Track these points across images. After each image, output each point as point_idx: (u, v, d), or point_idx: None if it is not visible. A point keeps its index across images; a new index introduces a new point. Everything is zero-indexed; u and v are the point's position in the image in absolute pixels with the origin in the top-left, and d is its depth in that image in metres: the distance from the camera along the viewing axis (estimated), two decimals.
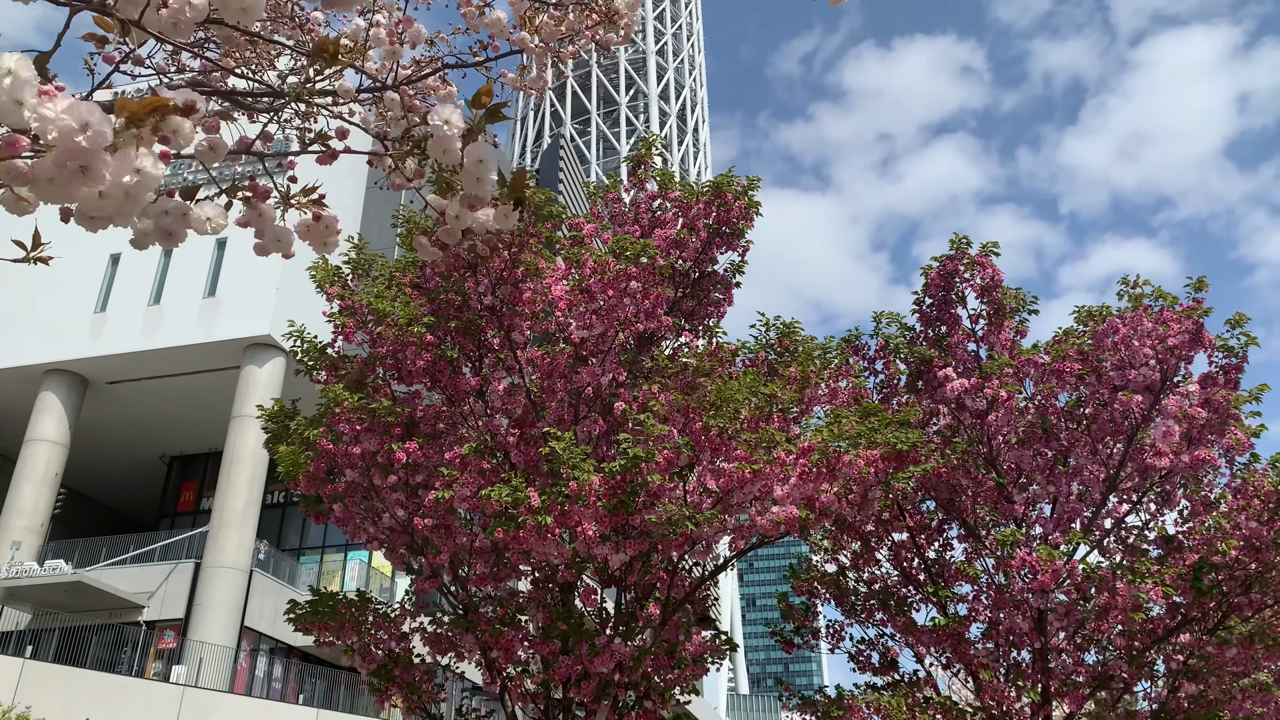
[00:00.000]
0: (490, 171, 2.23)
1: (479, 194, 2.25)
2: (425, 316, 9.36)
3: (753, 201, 10.11)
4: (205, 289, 29.50)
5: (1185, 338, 9.54)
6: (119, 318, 29.05)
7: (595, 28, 4.53)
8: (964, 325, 11.29)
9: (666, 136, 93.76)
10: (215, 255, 29.93)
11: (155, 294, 29.75)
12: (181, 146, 1.99)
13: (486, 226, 2.51)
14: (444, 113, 2.17)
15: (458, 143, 2.19)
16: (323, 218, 2.34)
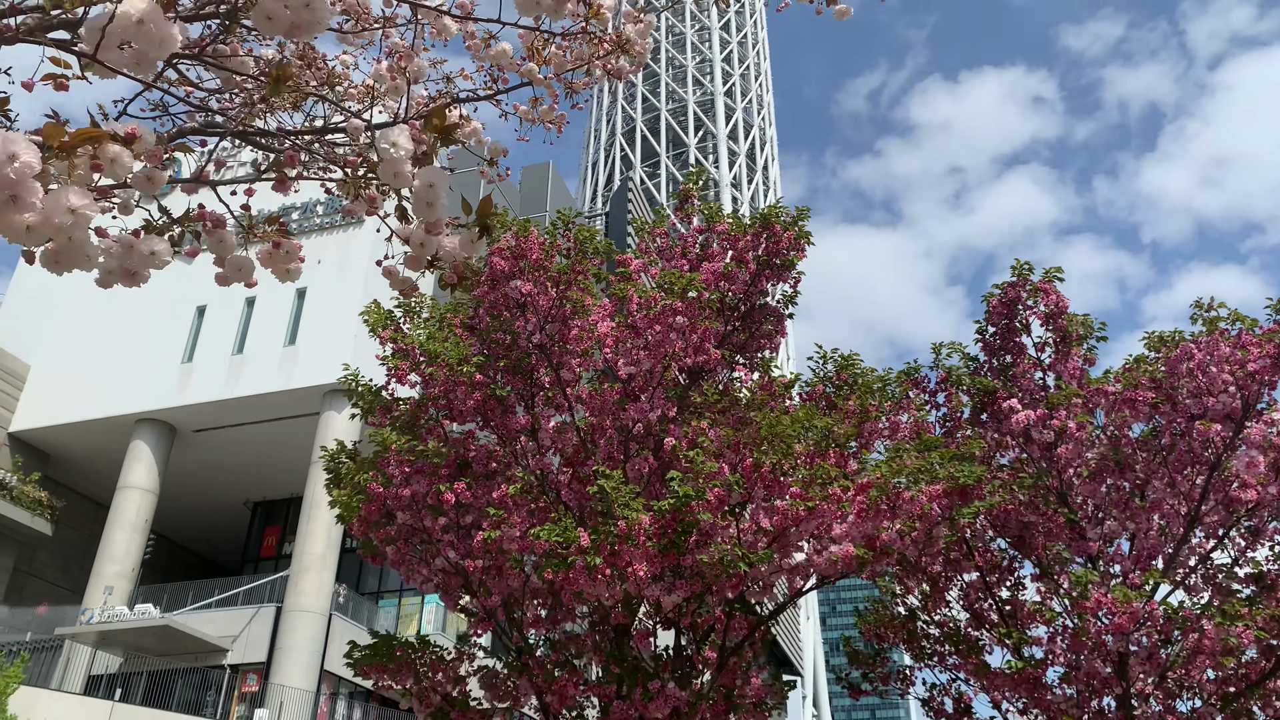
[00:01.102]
0: (440, 195, 2.17)
1: (429, 217, 2.19)
2: (475, 356, 9.40)
3: (802, 232, 9.96)
4: (286, 337, 30.35)
5: (1267, 362, 9.00)
6: (205, 367, 30.03)
7: (607, 57, 4.49)
8: (1029, 354, 10.89)
9: (736, 175, 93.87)
10: (295, 304, 30.81)
11: (239, 343, 30.69)
12: (119, 176, 1.97)
13: (454, 254, 2.46)
14: (391, 135, 2.12)
15: (407, 165, 2.13)
16: (283, 245, 2.31)
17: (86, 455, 31.14)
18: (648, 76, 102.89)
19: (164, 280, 34.45)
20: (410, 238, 2.30)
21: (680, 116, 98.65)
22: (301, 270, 2.38)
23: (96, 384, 29.94)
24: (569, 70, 4.42)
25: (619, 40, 4.47)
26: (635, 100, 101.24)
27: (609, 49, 4.47)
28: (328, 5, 2.06)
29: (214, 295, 30.49)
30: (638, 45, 4.56)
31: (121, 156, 1.92)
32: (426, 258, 2.32)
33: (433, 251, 2.32)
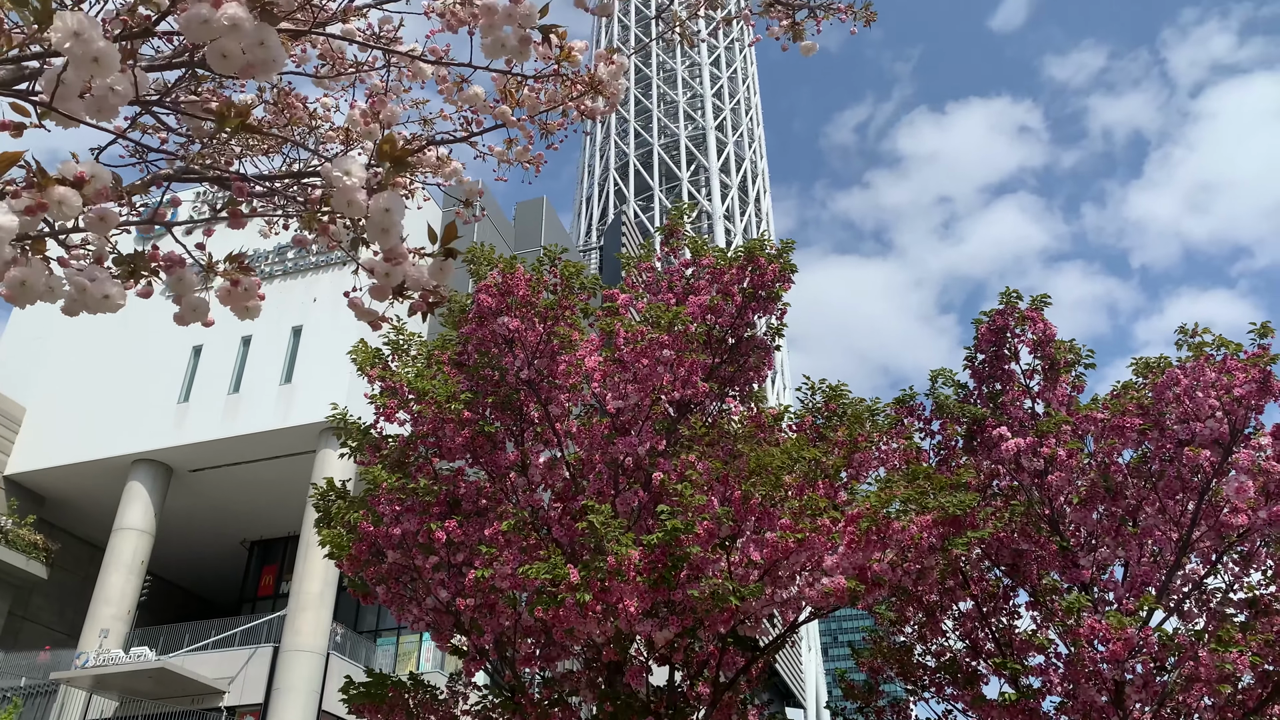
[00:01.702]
0: (396, 221, 2.18)
1: (384, 244, 2.21)
2: (464, 393, 9.41)
3: (787, 264, 10.01)
4: (282, 375, 30.32)
5: (1253, 387, 9.02)
6: (201, 407, 29.98)
7: (580, 98, 4.55)
8: (1018, 381, 10.91)
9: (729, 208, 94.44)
10: (291, 342, 30.83)
11: (235, 382, 30.65)
12: (67, 217, 2.00)
13: (421, 282, 2.47)
14: (344, 164, 2.14)
15: (360, 194, 2.15)
16: (241, 282, 2.33)
17: (82, 497, 31.03)
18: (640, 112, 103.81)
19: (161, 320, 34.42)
20: (374, 268, 2.32)
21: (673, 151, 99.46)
22: (260, 308, 2.39)
23: (92, 425, 29.88)
24: (543, 112, 4.47)
25: (591, 81, 4.53)
26: (628, 135, 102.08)
27: (582, 90, 4.53)
28: (280, 45, 2.09)
29: (210, 335, 30.51)
30: (610, 86, 4.62)
31: (68, 198, 1.95)
32: (391, 287, 2.34)
33: (398, 281, 2.34)
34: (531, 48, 4.13)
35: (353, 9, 3.95)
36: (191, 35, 1.91)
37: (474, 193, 4.65)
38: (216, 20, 1.95)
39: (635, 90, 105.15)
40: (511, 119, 4.35)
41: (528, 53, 2.96)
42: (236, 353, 30.82)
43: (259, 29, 2.01)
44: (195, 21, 1.89)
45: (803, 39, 3.67)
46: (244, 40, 2.00)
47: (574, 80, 4.47)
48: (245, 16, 1.98)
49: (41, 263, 1.91)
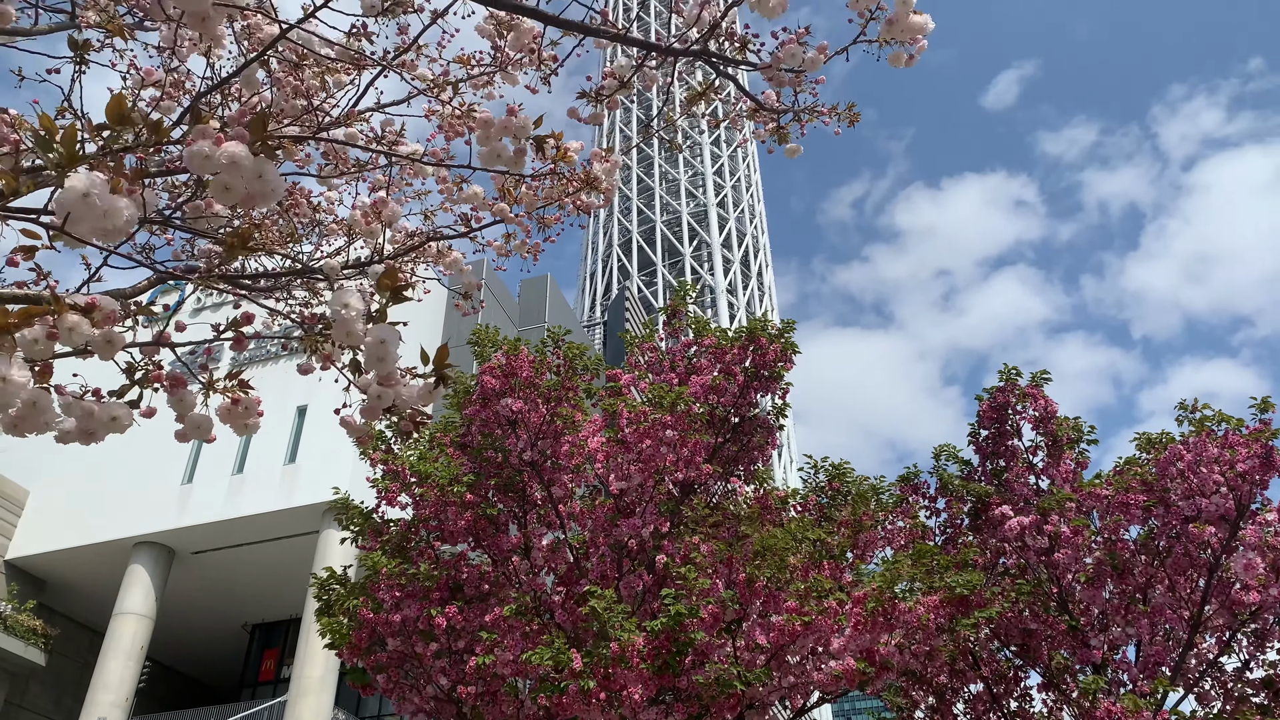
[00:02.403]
0: (392, 352, 2.25)
1: (381, 371, 2.27)
2: (466, 475, 9.42)
3: (788, 343, 10.09)
4: (286, 455, 30.26)
5: (1255, 462, 9.01)
6: (204, 488, 29.87)
7: (576, 194, 4.67)
8: (1022, 458, 10.89)
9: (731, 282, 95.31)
10: (296, 422, 30.84)
11: (239, 463, 30.59)
12: (76, 344, 2.07)
13: (410, 403, 2.53)
14: (344, 297, 2.22)
15: (359, 325, 2.22)
16: (242, 400, 2.39)
17: (83, 581, 30.77)
18: (643, 190, 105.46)
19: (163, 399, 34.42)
20: (366, 389, 2.38)
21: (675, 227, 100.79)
22: (258, 425, 2.45)
23: (95, 508, 29.76)
24: (540, 207, 4.60)
25: (587, 178, 4.66)
26: (631, 213, 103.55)
27: (577, 187, 4.66)
28: (279, 177, 2.18)
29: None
30: (604, 183, 4.75)
31: (80, 325, 2.02)
32: (382, 408, 2.39)
33: (389, 402, 2.39)
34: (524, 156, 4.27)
35: (355, 114, 4.09)
36: (195, 169, 2.01)
37: (473, 286, 4.75)
38: (218, 158, 2.04)
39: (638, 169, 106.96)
40: (510, 215, 4.47)
41: (523, 163, 3.06)
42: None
43: (258, 164, 2.11)
44: (198, 157, 1.99)
45: (788, 142, 3.78)
46: (244, 175, 2.09)
47: (570, 178, 4.61)
48: (245, 154, 2.08)
49: (47, 392, 1.97)
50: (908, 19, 3.37)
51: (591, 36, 2.96)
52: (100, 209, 1.94)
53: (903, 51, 3.48)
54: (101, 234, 2.35)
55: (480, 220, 4.52)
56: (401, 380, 2.38)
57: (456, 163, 4.22)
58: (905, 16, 3.36)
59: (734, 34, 3.16)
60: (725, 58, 3.13)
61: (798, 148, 3.78)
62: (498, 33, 4.41)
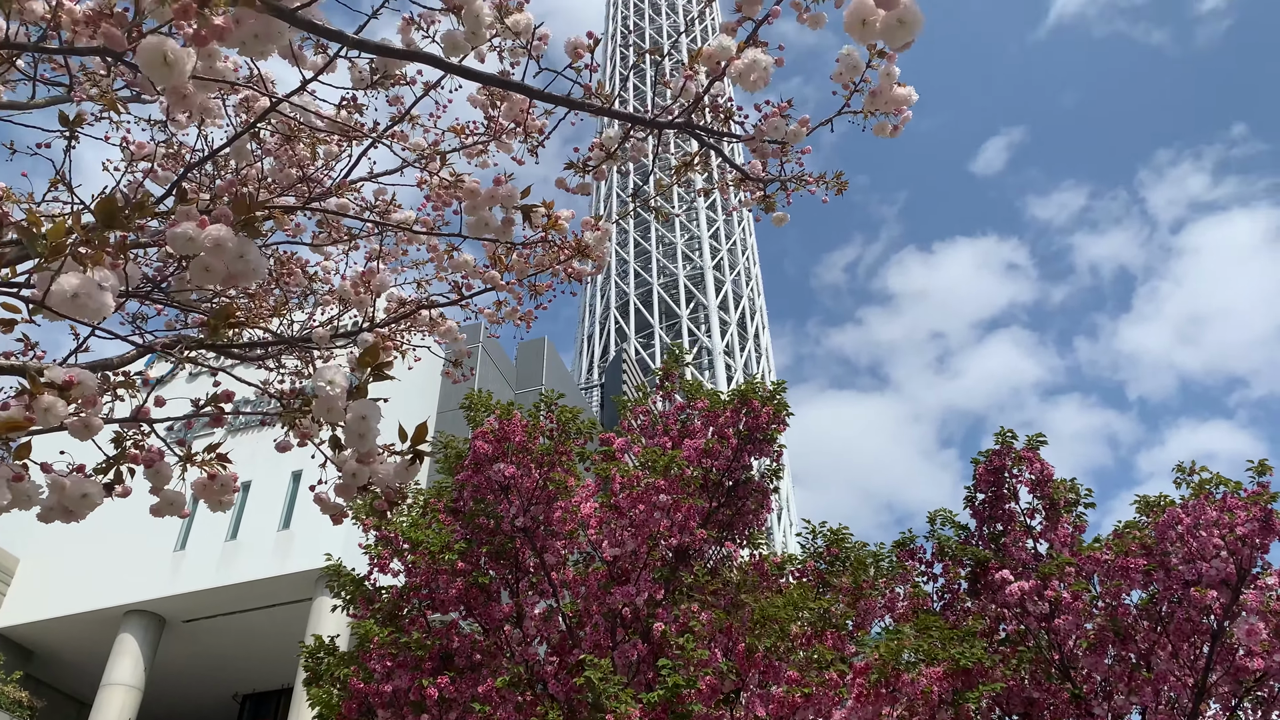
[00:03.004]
0: (372, 429, 2.23)
1: (361, 448, 2.26)
2: (458, 543, 9.33)
3: (781, 405, 10.07)
4: (280, 521, 29.99)
5: (1255, 526, 8.94)
6: (197, 555, 29.54)
7: (568, 262, 4.70)
8: (1020, 522, 10.81)
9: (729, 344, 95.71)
10: (290, 487, 30.63)
11: (233, 529, 30.30)
12: (52, 424, 2.05)
13: (386, 481, 2.51)
14: (327, 374, 2.21)
15: (341, 402, 2.21)
16: (218, 476, 2.36)
17: (72, 650, 30.24)
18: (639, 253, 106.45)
19: None
20: (343, 466, 2.35)
21: (672, 290, 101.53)
22: (233, 501, 2.42)
23: (85, 576, 29.39)
24: (531, 275, 4.62)
25: (578, 246, 4.68)
26: (628, 275, 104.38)
27: (569, 255, 4.69)
28: (261, 256, 2.18)
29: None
30: (596, 250, 4.78)
31: (55, 407, 2.00)
32: (358, 486, 2.37)
33: (365, 480, 2.37)
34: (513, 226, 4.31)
35: (347, 184, 4.13)
36: (178, 250, 2.01)
37: (463, 354, 4.75)
38: (201, 240, 2.05)
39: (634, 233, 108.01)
40: (501, 283, 4.49)
41: (510, 232, 3.08)
42: (236, 499, 30.49)
43: (240, 244, 2.11)
44: (181, 239, 1.99)
45: (774, 210, 3.81)
46: (226, 257, 2.10)
47: (561, 245, 4.63)
48: (228, 236, 2.09)
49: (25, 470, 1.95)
50: (891, 91, 3.41)
51: (576, 110, 3.00)
52: (92, 307, 1.94)
53: (887, 122, 3.52)
54: (82, 312, 2.35)
55: (472, 288, 4.54)
56: (379, 457, 2.36)
57: (448, 231, 4.25)
58: (889, 89, 3.40)
59: (718, 106, 3.21)
60: (710, 130, 3.17)
61: (784, 216, 3.81)
62: (490, 104, 4.48)
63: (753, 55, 2.88)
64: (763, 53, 2.92)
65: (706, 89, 3.11)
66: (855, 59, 3.35)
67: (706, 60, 2.89)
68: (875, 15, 2.50)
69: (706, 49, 2.88)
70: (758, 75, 2.90)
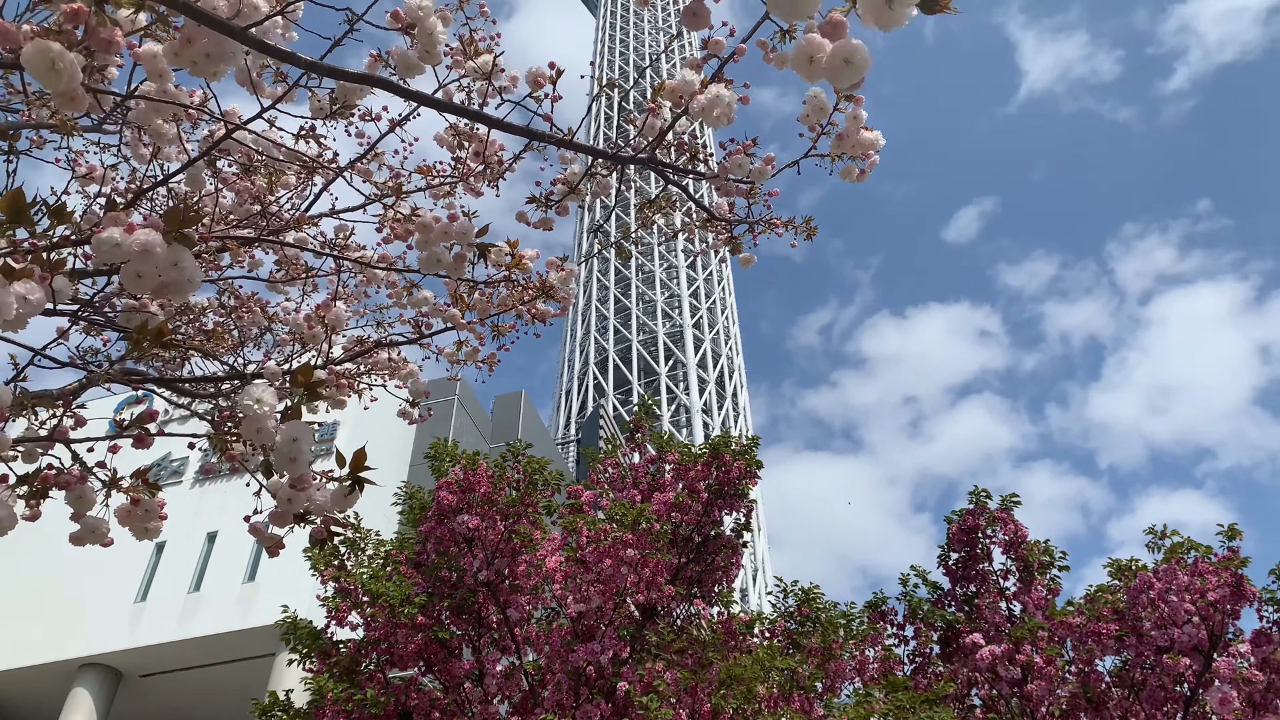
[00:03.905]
0: (304, 452, 2.12)
1: (292, 473, 2.14)
2: (419, 595, 9.09)
3: (752, 460, 9.96)
4: (246, 573, 29.38)
5: (1226, 591, 8.87)
6: (158, 607, 28.82)
7: (532, 302, 4.62)
8: (993, 583, 10.69)
9: (706, 402, 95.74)
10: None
11: (196, 581, 29.64)
12: None
13: (324, 509, 2.39)
14: (255, 392, 2.10)
15: (270, 422, 2.10)
16: (142, 502, 2.24)
17: (22, 707, 29.28)
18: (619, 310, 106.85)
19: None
20: (276, 492, 2.23)
21: (651, 347, 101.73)
22: (161, 528, 2.29)
23: (42, 627, 28.57)
24: (493, 315, 4.53)
25: (542, 286, 4.61)
26: (608, 332, 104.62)
27: (533, 295, 4.61)
28: (196, 265, 2.09)
29: (176, 531, 29.77)
30: (561, 291, 4.71)
31: None
32: (294, 513, 2.25)
33: (300, 508, 2.25)
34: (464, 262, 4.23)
35: (306, 218, 4.05)
36: (102, 257, 1.91)
37: (420, 394, 4.64)
38: (128, 245, 1.96)
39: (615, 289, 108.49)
40: (461, 321, 4.39)
41: (462, 269, 3.00)
42: (201, 550, 29.93)
43: (173, 251, 2.02)
44: (107, 244, 1.90)
45: (740, 251, 3.76)
46: (157, 263, 2.00)
47: (525, 285, 4.56)
48: (157, 242, 1.99)
49: None
50: (858, 135, 3.39)
51: (536, 140, 2.95)
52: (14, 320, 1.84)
53: (854, 166, 3.49)
54: None
55: (431, 326, 4.44)
56: (315, 484, 2.24)
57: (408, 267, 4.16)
58: (855, 132, 3.38)
59: (683, 144, 3.17)
60: (674, 166, 3.12)
61: (751, 257, 3.76)
62: (457, 144, 4.43)
63: (715, 90, 2.85)
64: (726, 89, 2.89)
65: (670, 125, 3.06)
66: (821, 100, 3.33)
67: (669, 95, 2.86)
68: (823, 52, 2.46)
69: (669, 83, 2.84)
70: (720, 111, 2.86)
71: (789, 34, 3.24)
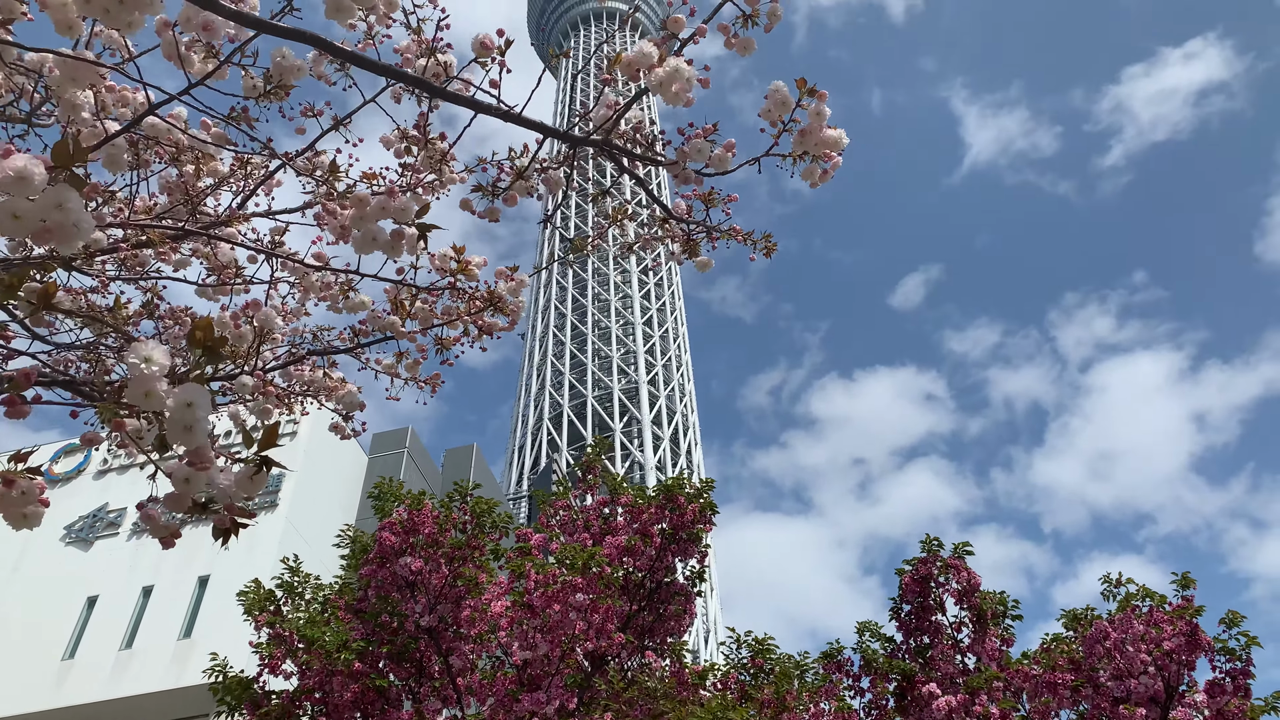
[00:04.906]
0: (200, 419, 1.87)
1: (187, 444, 1.89)
2: (356, 641, 8.66)
3: (707, 503, 9.71)
4: (181, 630, 28.30)
5: (1181, 640, 8.75)
6: (88, 664, 27.58)
7: (479, 314, 4.39)
8: (947, 634, 10.48)
9: (661, 459, 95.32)
10: (196, 593, 29.05)
11: (129, 637, 28.48)
12: None
13: (229, 494, 2.13)
14: (143, 350, 1.86)
15: (160, 384, 1.85)
16: (18, 483, 1.97)
17: None
18: (574, 366, 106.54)
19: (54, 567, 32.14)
20: (173, 473, 1.97)
21: (606, 403, 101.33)
22: (42, 515, 2.02)
23: None
24: (437, 325, 4.29)
25: (490, 297, 4.39)
26: (563, 387, 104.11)
27: (480, 305, 4.39)
28: (85, 211, 1.86)
29: (108, 584, 28.69)
30: (512, 304, 4.49)
31: None
32: (191, 496, 1.98)
33: (200, 490, 1.99)
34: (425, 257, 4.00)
35: (237, 214, 3.82)
36: None
37: (354, 406, 4.38)
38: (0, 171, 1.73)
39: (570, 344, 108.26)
40: (401, 329, 4.15)
41: (400, 248, 2.79)
42: (135, 604, 28.82)
43: (57, 191, 1.79)
44: None
45: (698, 255, 3.59)
46: (38, 199, 1.77)
47: (472, 295, 4.34)
48: (37, 171, 1.77)
49: None
50: (821, 132, 3.26)
51: (482, 114, 2.76)
52: None
53: (816, 166, 3.35)
54: None
55: (369, 336, 4.20)
56: (218, 463, 1.99)
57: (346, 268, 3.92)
58: (818, 129, 3.25)
59: (640, 129, 3.00)
60: (628, 152, 2.95)
61: (709, 261, 3.60)
62: (405, 148, 4.23)
63: (675, 63, 2.70)
64: (686, 63, 2.74)
65: (627, 105, 2.90)
66: (784, 94, 3.19)
67: (626, 68, 2.70)
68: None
69: (625, 55, 2.69)
70: (680, 85, 2.71)
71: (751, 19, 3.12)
